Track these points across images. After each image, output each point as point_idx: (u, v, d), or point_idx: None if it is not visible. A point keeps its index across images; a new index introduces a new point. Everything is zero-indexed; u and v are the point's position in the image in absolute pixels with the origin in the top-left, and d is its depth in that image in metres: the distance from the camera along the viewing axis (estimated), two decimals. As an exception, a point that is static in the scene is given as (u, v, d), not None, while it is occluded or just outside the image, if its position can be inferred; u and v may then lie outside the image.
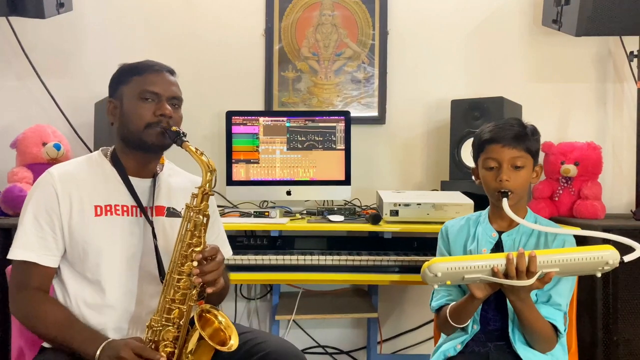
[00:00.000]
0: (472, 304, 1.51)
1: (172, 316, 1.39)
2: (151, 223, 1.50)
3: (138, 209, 1.50)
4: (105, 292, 1.44)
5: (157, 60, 1.58)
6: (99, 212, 1.47)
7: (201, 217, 1.42)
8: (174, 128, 1.48)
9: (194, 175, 1.68)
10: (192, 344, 1.38)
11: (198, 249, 1.40)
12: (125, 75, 1.54)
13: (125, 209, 1.50)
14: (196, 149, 1.46)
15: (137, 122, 1.49)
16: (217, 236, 1.67)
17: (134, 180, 1.53)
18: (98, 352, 1.33)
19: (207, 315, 1.42)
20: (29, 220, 1.44)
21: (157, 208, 1.54)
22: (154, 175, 1.57)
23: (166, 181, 1.60)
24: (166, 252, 1.49)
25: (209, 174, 1.45)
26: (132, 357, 1.30)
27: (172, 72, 1.58)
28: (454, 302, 1.58)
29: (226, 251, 1.70)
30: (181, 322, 1.40)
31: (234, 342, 1.38)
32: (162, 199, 1.56)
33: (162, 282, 1.45)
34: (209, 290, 1.39)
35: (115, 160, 1.54)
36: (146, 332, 1.40)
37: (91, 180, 1.50)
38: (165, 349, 1.38)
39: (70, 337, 1.37)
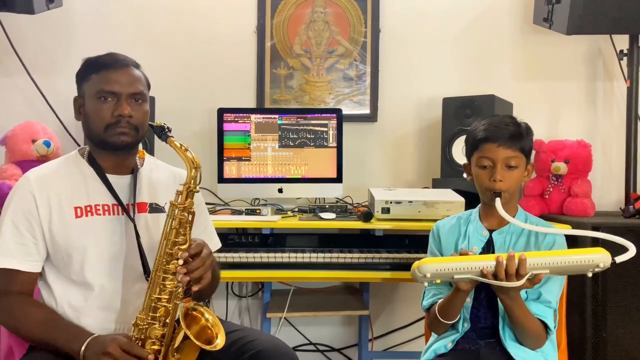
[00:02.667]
0: (458, 297, 1.50)
1: (158, 314, 1.38)
2: (133, 220, 1.48)
3: (119, 207, 1.49)
4: (91, 293, 1.44)
5: (123, 54, 1.52)
6: (79, 214, 1.45)
7: (186, 214, 1.41)
8: (157, 122, 1.45)
9: (177, 167, 1.66)
10: (177, 343, 1.37)
11: (184, 246, 1.38)
12: (87, 72, 1.50)
13: (106, 208, 1.48)
14: (180, 145, 1.44)
15: (97, 123, 1.46)
16: (204, 229, 1.65)
17: (112, 178, 1.51)
18: (83, 348, 1.31)
19: (194, 313, 1.41)
20: (8, 227, 1.42)
21: (139, 205, 1.52)
22: (133, 171, 1.54)
23: (147, 176, 1.58)
24: (150, 249, 1.48)
25: (193, 170, 1.43)
26: (120, 354, 1.29)
27: (134, 66, 1.52)
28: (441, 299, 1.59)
29: (214, 244, 1.69)
30: (167, 320, 1.39)
31: (220, 341, 1.37)
32: (144, 195, 1.54)
33: (147, 280, 1.43)
34: (195, 288, 1.37)
35: (91, 160, 1.51)
36: (132, 330, 1.39)
37: (69, 181, 1.48)
38: (152, 347, 1.37)
39: (55, 336, 1.36)
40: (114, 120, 1.45)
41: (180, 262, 1.36)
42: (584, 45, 2.70)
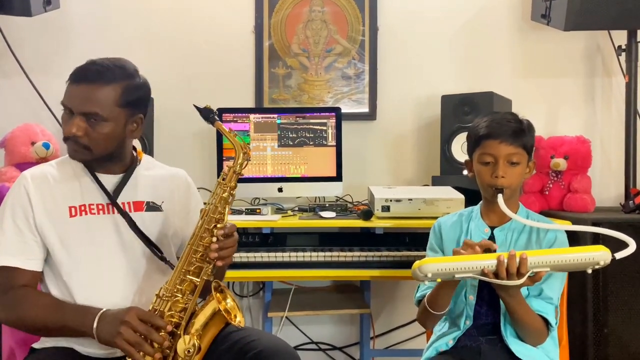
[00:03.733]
0: (447, 285, 1.50)
1: (183, 287, 1.39)
2: (125, 216, 1.48)
3: (113, 206, 1.49)
4: (88, 292, 1.43)
5: (104, 65, 1.42)
6: (73, 213, 1.45)
7: (227, 194, 1.42)
8: (207, 105, 1.45)
9: (174, 168, 1.66)
10: (204, 317, 1.38)
11: (220, 225, 1.40)
12: (69, 79, 1.46)
13: (100, 207, 1.48)
14: (230, 130, 1.47)
15: (64, 132, 1.44)
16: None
17: (105, 177, 1.51)
18: (95, 323, 1.31)
19: (218, 294, 1.42)
20: (9, 225, 1.42)
21: (135, 203, 1.52)
22: (126, 170, 1.54)
23: (144, 175, 1.57)
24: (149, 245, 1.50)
25: (242, 154, 1.45)
26: (138, 323, 1.29)
27: (106, 82, 1.40)
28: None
29: None
30: (191, 295, 1.39)
31: (240, 320, 1.41)
32: (141, 194, 1.54)
33: (162, 260, 1.47)
34: (219, 263, 1.38)
35: (84, 161, 1.50)
36: (154, 300, 1.39)
37: (65, 181, 1.48)
38: (171, 320, 1.36)
39: (63, 317, 1.36)
40: (67, 135, 1.42)
41: (214, 239, 1.37)
42: (582, 41, 2.70)
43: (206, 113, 1.44)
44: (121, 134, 1.46)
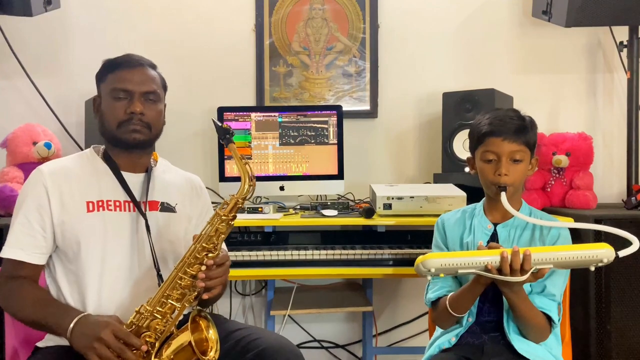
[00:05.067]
0: (475, 289, 1.48)
1: (163, 309, 1.37)
2: (145, 217, 1.49)
3: (131, 204, 1.50)
4: (99, 287, 1.44)
5: (139, 55, 1.57)
6: (91, 208, 1.47)
7: (225, 225, 1.41)
8: (224, 125, 1.46)
9: (188, 172, 1.70)
10: (176, 344, 1.35)
11: (212, 254, 1.39)
12: (103, 73, 1.55)
13: (117, 204, 1.50)
14: (242, 156, 1.46)
15: (111, 120, 1.50)
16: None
17: (126, 175, 1.54)
18: (72, 325, 1.31)
19: (199, 320, 1.40)
20: (20, 219, 1.44)
21: (151, 203, 1.54)
22: (146, 170, 1.57)
23: (160, 177, 1.60)
24: (160, 246, 1.50)
25: (247, 182, 1.43)
26: (113, 341, 1.27)
27: (150, 66, 1.57)
28: (453, 292, 1.58)
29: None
30: (170, 317, 1.38)
31: (213, 355, 1.36)
32: (156, 194, 1.56)
33: (158, 277, 1.45)
34: (205, 296, 1.38)
35: (107, 157, 1.54)
36: (133, 315, 1.37)
37: (83, 176, 1.50)
38: (147, 339, 1.34)
39: (44, 314, 1.37)
40: (126, 118, 1.49)
41: (204, 267, 1.36)
42: (583, 37, 2.69)
43: (223, 132, 1.46)
44: (164, 117, 1.60)
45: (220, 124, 1.47)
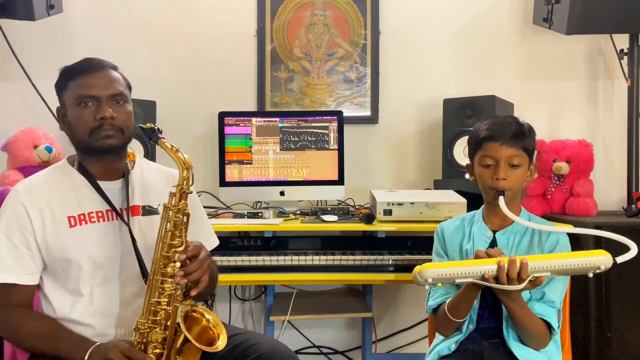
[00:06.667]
0: (470, 293, 1.49)
1: (158, 318, 1.38)
2: (128, 225, 1.48)
3: (113, 213, 1.48)
4: (89, 300, 1.44)
5: (97, 58, 1.51)
6: (73, 223, 1.45)
7: (181, 216, 1.40)
8: (148, 125, 1.43)
9: (168, 167, 1.65)
10: (178, 345, 1.37)
11: (180, 249, 1.38)
12: (63, 81, 1.49)
13: (99, 214, 1.48)
14: (172, 146, 1.42)
15: (81, 129, 1.45)
16: (200, 228, 1.64)
17: (104, 184, 1.50)
18: (86, 357, 1.32)
19: (194, 314, 1.41)
20: (3, 242, 1.42)
21: (132, 208, 1.52)
22: (123, 175, 1.54)
23: (139, 179, 1.57)
24: (147, 252, 1.48)
25: (185, 171, 1.42)
26: (121, 359, 1.29)
27: (111, 68, 1.50)
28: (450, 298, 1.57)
29: (212, 241, 1.69)
30: (168, 323, 1.38)
31: (221, 343, 1.37)
32: (137, 198, 1.54)
33: (145, 283, 1.43)
34: (193, 292, 1.37)
35: (82, 168, 1.51)
36: (134, 335, 1.38)
37: (60, 191, 1.48)
38: (154, 351, 1.36)
39: (57, 348, 1.37)
40: (97, 124, 1.43)
41: (178, 264, 1.35)
42: (584, 44, 2.69)
43: (150, 132, 1.43)
44: (134, 118, 1.53)
45: (144, 126, 1.43)
